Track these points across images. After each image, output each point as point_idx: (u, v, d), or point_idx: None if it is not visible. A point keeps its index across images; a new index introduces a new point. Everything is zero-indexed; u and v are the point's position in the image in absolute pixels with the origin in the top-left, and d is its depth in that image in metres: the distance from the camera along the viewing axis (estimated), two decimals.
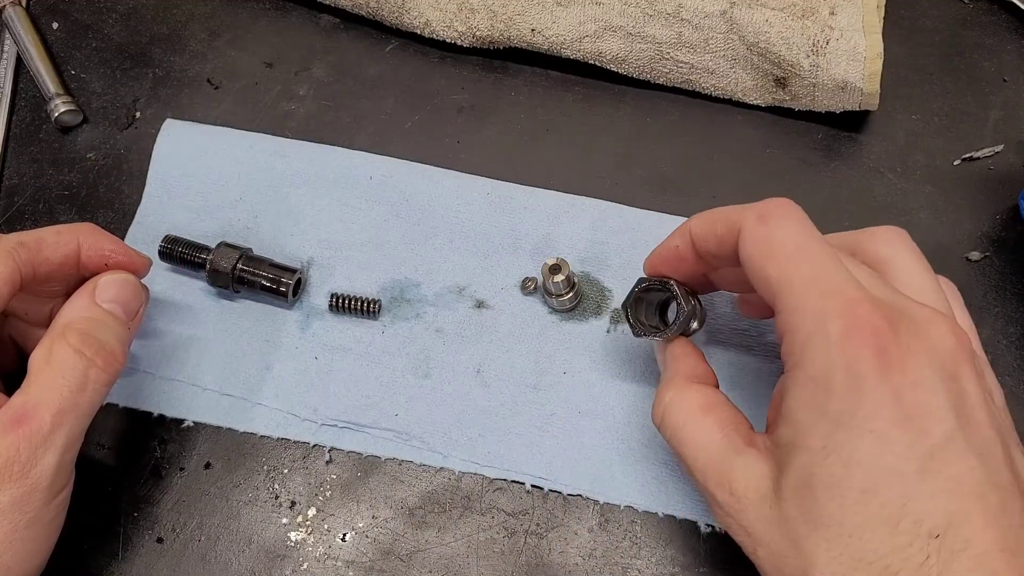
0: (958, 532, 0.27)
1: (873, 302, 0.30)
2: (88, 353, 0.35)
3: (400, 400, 0.43)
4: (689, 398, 0.35)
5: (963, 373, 0.30)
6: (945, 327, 0.30)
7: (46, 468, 0.33)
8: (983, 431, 0.29)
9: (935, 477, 0.28)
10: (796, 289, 0.31)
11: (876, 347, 0.29)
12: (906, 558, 0.28)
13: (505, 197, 0.48)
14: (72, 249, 0.38)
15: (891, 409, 0.28)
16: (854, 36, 0.47)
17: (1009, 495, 0.28)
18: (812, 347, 0.30)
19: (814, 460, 0.29)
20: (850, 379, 0.29)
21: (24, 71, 0.53)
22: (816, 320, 0.30)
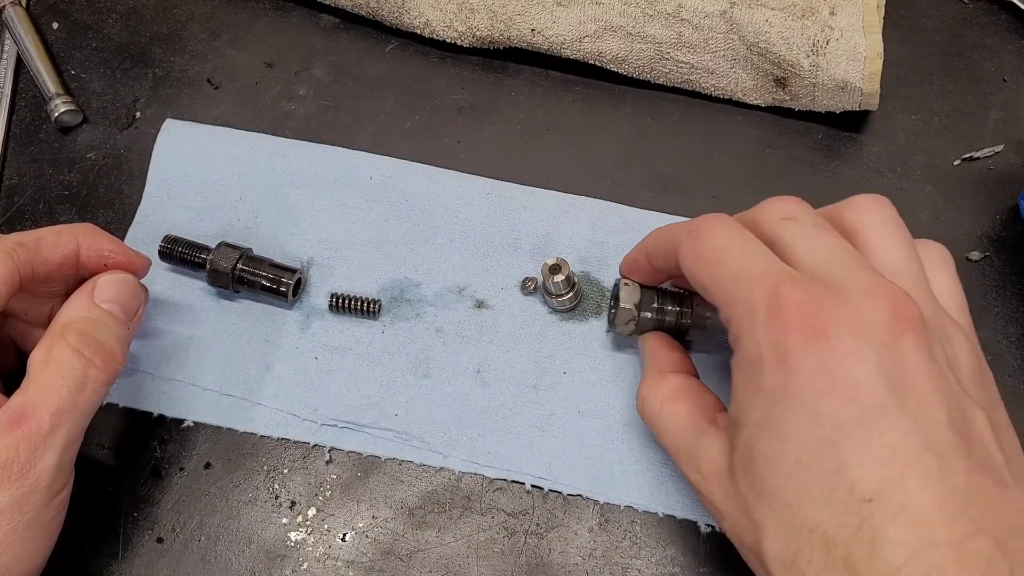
0: (892, 497, 0.28)
1: (797, 280, 0.31)
2: (87, 353, 0.35)
3: (400, 400, 0.43)
4: (661, 388, 0.37)
5: (901, 342, 0.29)
6: (879, 297, 0.30)
7: (45, 468, 0.33)
8: (922, 398, 0.29)
9: (867, 444, 0.28)
10: (726, 285, 0.33)
11: (800, 322, 0.30)
12: (842, 524, 0.28)
13: (505, 197, 0.48)
14: (71, 249, 0.38)
15: (819, 381, 0.29)
16: (854, 36, 0.47)
17: (951, 459, 0.28)
18: (743, 331, 0.31)
19: (753, 435, 0.31)
20: (777, 356, 0.30)
21: (24, 71, 0.53)
22: (745, 306, 0.31)
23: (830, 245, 0.33)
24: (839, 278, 0.31)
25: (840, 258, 0.32)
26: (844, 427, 0.29)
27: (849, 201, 0.35)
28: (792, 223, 0.34)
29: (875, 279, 0.31)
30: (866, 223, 0.34)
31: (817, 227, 0.34)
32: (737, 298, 0.32)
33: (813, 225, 0.34)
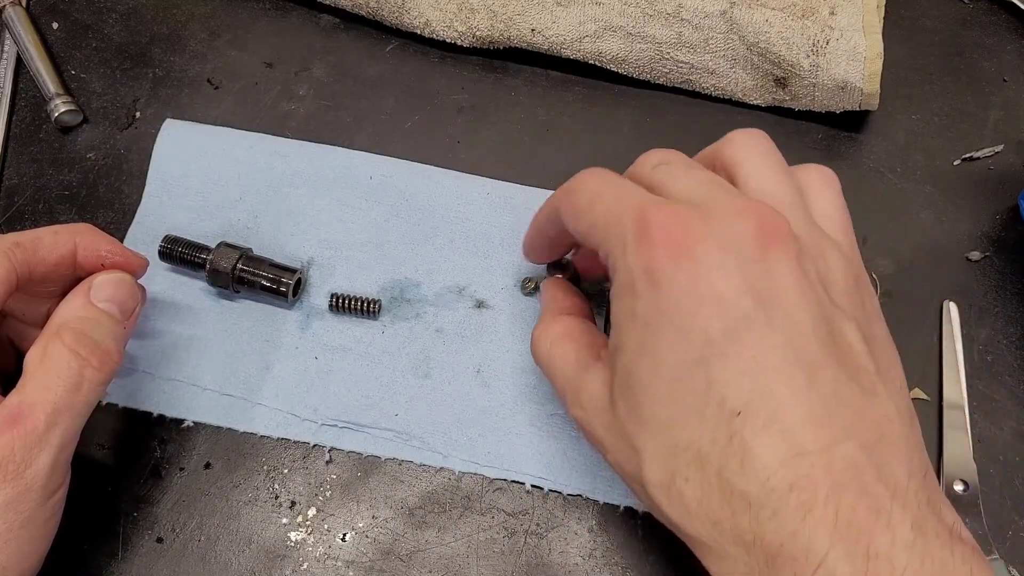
0: (760, 409, 0.28)
1: (664, 204, 0.31)
2: (83, 353, 0.35)
3: (400, 400, 0.43)
4: (553, 329, 0.38)
5: (770, 255, 0.30)
6: (746, 214, 0.31)
7: (41, 468, 0.33)
8: (790, 310, 0.29)
9: (735, 359, 0.29)
10: (600, 224, 0.33)
11: (667, 242, 0.30)
12: (714, 440, 0.28)
13: (505, 197, 0.48)
14: (69, 250, 0.38)
15: (687, 299, 0.29)
16: (854, 36, 0.47)
17: (818, 369, 0.29)
18: (617, 260, 0.32)
19: (630, 361, 0.31)
20: (648, 278, 0.30)
21: (24, 71, 0.53)
22: (618, 236, 0.32)
23: (700, 179, 0.33)
24: (707, 202, 0.32)
25: (709, 187, 0.33)
26: (712, 342, 0.29)
27: (725, 138, 0.36)
28: (664, 167, 0.35)
29: (743, 200, 0.32)
30: (740, 155, 0.35)
31: (688, 167, 0.34)
32: (610, 232, 0.32)
33: (684, 165, 0.34)
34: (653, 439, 0.30)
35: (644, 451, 0.31)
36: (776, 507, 0.27)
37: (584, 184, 0.35)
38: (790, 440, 0.27)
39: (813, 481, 0.27)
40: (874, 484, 0.27)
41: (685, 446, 0.29)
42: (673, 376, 0.30)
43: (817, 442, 0.27)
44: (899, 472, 0.28)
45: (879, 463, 0.27)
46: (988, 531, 0.40)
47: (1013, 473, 0.42)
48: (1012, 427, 0.43)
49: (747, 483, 0.28)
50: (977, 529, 0.40)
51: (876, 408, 0.29)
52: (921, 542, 0.26)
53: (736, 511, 0.28)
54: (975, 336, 0.45)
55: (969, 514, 0.41)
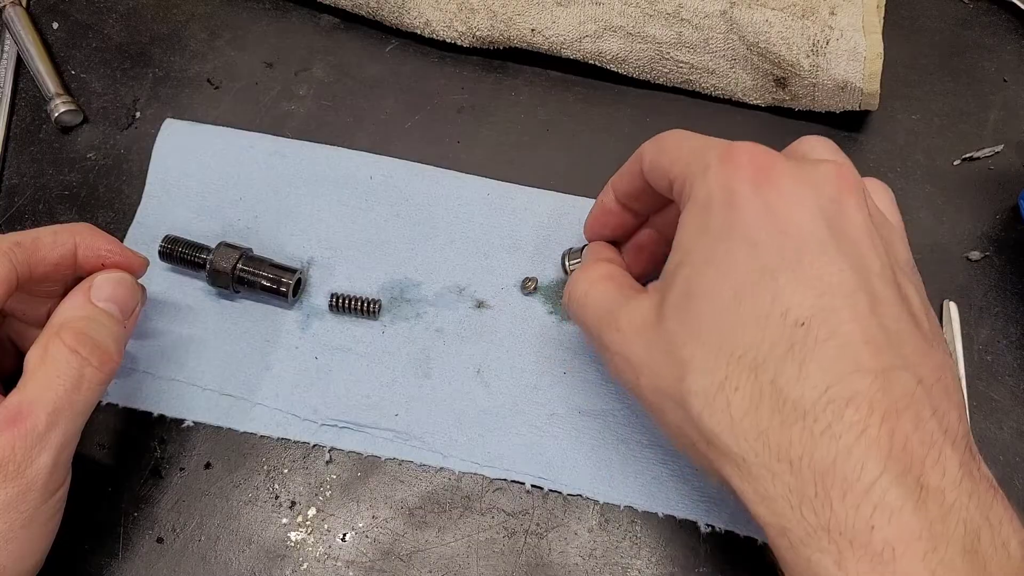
0: (824, 323, 0.28)
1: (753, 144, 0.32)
2: (83, 352, 0.35)
3: (400, 400, 0.43)
4: (593, 272, 0.38)
5: (846, 200, 0.31)
6: (827, 164, 0.32)
7: (41, 467, 0.33)
8: (860, 248, 0.30)
9: (804, 275, 0.29)
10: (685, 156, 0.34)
11: (752, 167, 0.31)
12: (772, 347, 0.28)
13: (505, 197, 0.48)
14: (69, 249, 0.38)
15: (764, 219, 0.30)
16: (854, 36, 0.47)
17: (883, 303, 0.29)
18: (696, 181, 0.32)
19: (695, 271, 0.31)
20: (727, 196, 0.31)
21: (24, 71, 0.53)
22: (700, 163, 0.32)
23: None
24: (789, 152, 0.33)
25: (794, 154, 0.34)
26: (784, 257, 0.29)
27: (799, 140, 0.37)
28: None
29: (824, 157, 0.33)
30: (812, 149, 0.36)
31: None
32: (693, 161, 0.33)
33: None
34: (705, 347, 0.30)
35: (692, 360, 0.30)
36: (830, 421, 0.27)
37: (669, 134, 0.36)
38: (849, 357, 0.27)
39: (871, 400, 0.27)
40: (928, 418, 0.27)
41: (742, 353, 0.29)
42: (739, 286, 0.30)
43: (876, 364, 0.27)
44: (952, 415, 0.28)
45: (934, 401, 0.28)
46: None
47: (1013, 473, 0.42)
48: (1012, 427, 0.43)
49: (803, 392, 0.27)
50: None
51: (932, 354, 0.29)
52: (968, 482, 0.26)
53: (787, 422, 0.27)
54: (975, 336, 0.45)
55: None
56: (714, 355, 0.30)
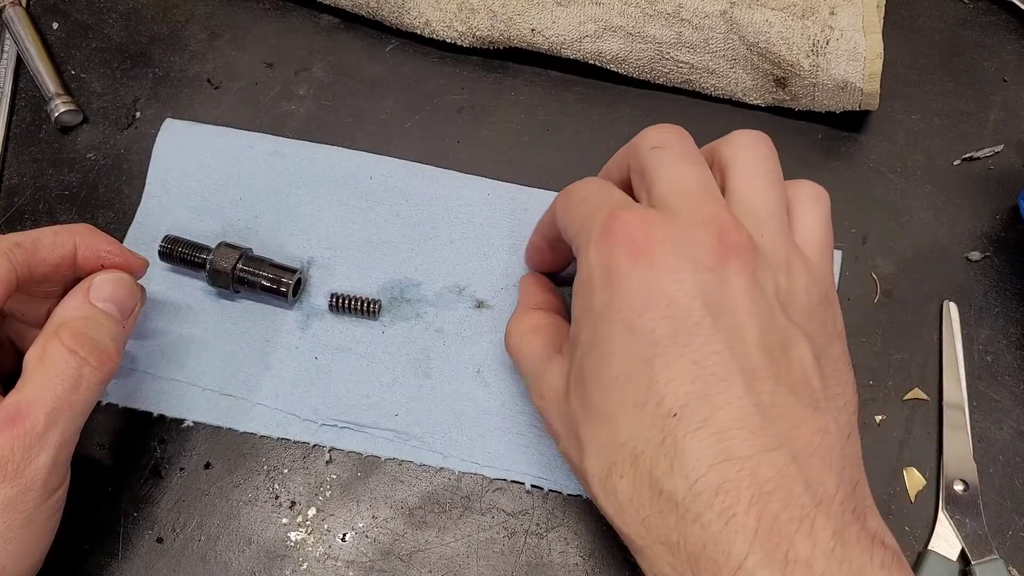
0: (696, 412, 0.28)
1: (633, 207, 0.32)
2: (82, 352, 0.35)
3: (400, 400, 0.43)
4: (523, 322, 0.39)
5: (725, 267, 0.30)
6: (708, 224, 0.31)
7: (40, 467, 0.33)
8: (737, 319, 0.30)
9: (677, 360, 0.29)
10: (579, 220, 0.34)
11: (627, 242, 0.31)
12: (649, 438, 0.29)
13: (505, 197, 0.48)
14: (68, 250, 0.38)
15: (640, 298, 0.30)
16: (854, 36, 0.47)
17: (758, 379, 0.29)
18: (580, 255, 0.33)
19: (584, 353, 0.32)
20: (604, 274, 0.31)
21: (24, 71, 0.53)
22: (586, 232, 0.33)
23: (685, 175, 0.34)
24: (680, 206, 0.32)
25: (690, 189, 0.33)
26: (658, 342, 0.29)
27: (727, 136, 0.36)
28: (659, 151, 0.35)
29: (712, 208, 0.32)
30: (735, 157, 0.35)
31: (681, 157, 0.34)
32: (582, 229, 0.34)
33: (678, 155, 0.35)
34: (596, 432, 0.31)
35: (587, 443, 0.31)
36: (700, 510, 0.28)
37: (580, 186, 0.37)
38: (720, 444, 0.28)
39: (738, 487, 0.27)
40: (800, 493, 0.27)
41: (623, 442, 0.30)
42: (619, 371, 0.30)
43: (747, 448, 0.28)
44: (828, 483, 0.28)
45: (808, 473, 0.28)
46: (988, 531, 0.40)
47: (1013, 473, 0.42)
48: (1012, 427, 0.43)
49: (675, 484, 0.28)
50: (977, 529, 0.40)
51: (814, 421, 0.29)
52: (840, 549, 0.27)
53: (663, 511, 0.28)
54: (975, 336, 0.45)
55: (969, 514, 0.41)
56: (603, 440, 0.31)
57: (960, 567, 0.40)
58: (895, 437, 0.43)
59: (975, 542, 0.40)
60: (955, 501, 0.41)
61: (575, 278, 0.34)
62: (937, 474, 0.42)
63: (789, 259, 0.33)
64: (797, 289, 0.32)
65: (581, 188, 0.36)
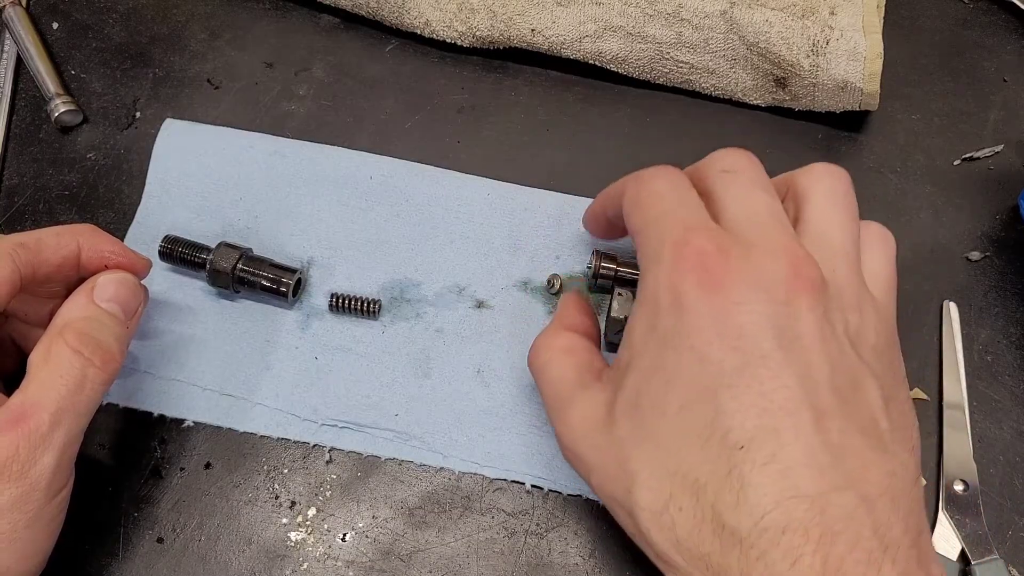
0: (763, 446, 0.28)
1: (709, 231, 0.31)
2: (86, 352, 0.35)
3: (400, 400, 0.43)
4: (555, 341, 0.37)
5: (798, 301, 0.30)
6: (781, 256, 0.31)
7: (45, 467, 0.33)
8: (808, 356, 0.29)
9: (745, 392, 0.28)
10: (647, 227, 0.33)
11: (700, 268, 0.30)
12: (713, 470, 0.28)
13: (505, 197, 0.48)
14: (72, 251, 0.38)
15: (710, 327, 0.29)
16: (854, 36, 0.47)
17: (828, 417, 0.28)
18: (648, 271, 0.32)
19: (642, 378, 0.31)
20: (674, 299, 0.30)
21: (24, 71, 0.53)
22: (656, 247, 0.32)
23: (757, 203, 0.33)
24: (753, 235, 0.31)
25: (762, 218, 0.32)
26: (726, 374, 0.29)
27: (806, 168, 0.36)
28: (730, 176, 0.34)
29: (785, 240, 0.31)
30: (813, 190, 0.35)
31: (752, 183, 0.34)
32: (652, 238, 0.32)
33: (750, 181, 0.34)
34: (651, 462, 0.30)
35: (639, 474, 0.30)
36: (765, 548, 0.27)
37: (653, 180, 0.35)
38: (788, 481, 0.27)
39: (806, 526, 0.27)
40: (868, 537, 0.27)
41: (684, 472, 0.29)
42: (684, 400, 0.29)
43: (816, 487, 0.27)
44: (896, 528, 0.27)
45: (877, 516, 0.27)
46: (988, 531, 0.40)
47: (1013, 473, 0.42)
48: (1012, 427, 0.43)
49: (739, 520, 0.27)
50: (977, 529, 0.40)
51: (882, 463, 0.29)
52: None
53: (726, 548, 0.27)
54: (975, 336, 0.45)
55: (969, 514, 0.41)
56: (660, 472, 0.30)
57: (960, 567, 0.40)
58: None
59: (975, 542, 0.40)
60: (955, 501, 0.41)
61: (639, 289, 0.33)
62: (937, 474, 0.42)
63: (860, 298, 0.32)
64: (867, 328, 0.32)
65: (655, 182, 0.34)
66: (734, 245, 0.31)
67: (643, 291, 0.32)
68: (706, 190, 0.34)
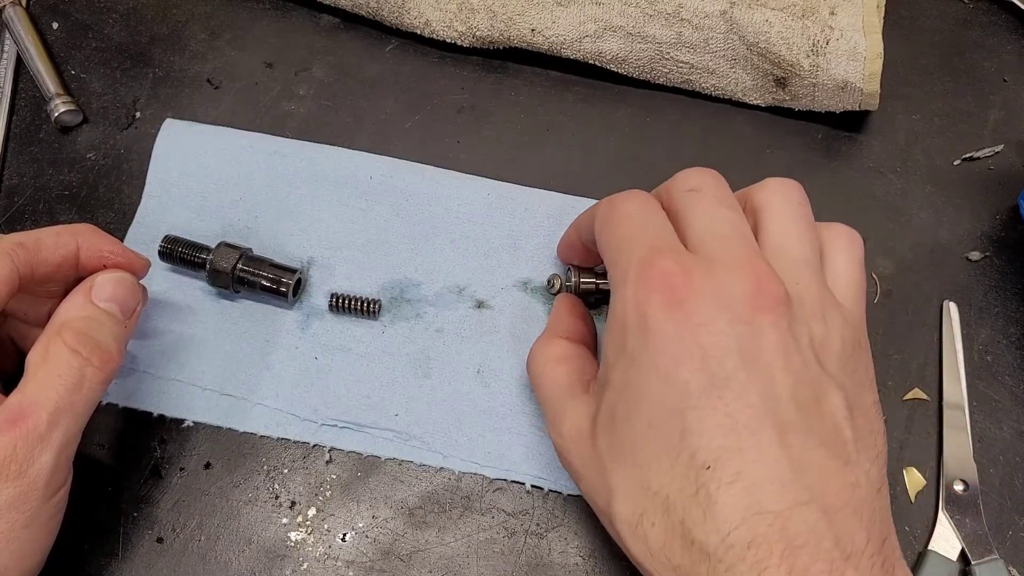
0: (728, 464, 0.29)
1: (674, 252, 0.32)
2: (84, 352, 0.35)
3: (400, 400, 0.43)
4: (549, 350, 0.38)
5: (760, 318, 0.30)
6: (745, 274, 0.31)
7: (43, 467, 0.33)
8: (771, 372, 0.30)
9: (711, 413, 0.29)
10: (615, 246, 0.34)
11: (665, 289, 0.31)
12: (681, 488, 0.29)
13: (505, 197, 0.48)
14: (71, 250, 0.38)
15: (674, 347, 0.30)
16: (854, 36, 0.47)
17: (790, 432, 0.29)
18: (616, 291, 0.33)
19: (615, 395, 0.32)
20: (639, 319, 0.31)
21: (24, 71, 0.53)
22: (623, 267, 0.33)
23: (721, 220, 0.34)
24: (716, 252, 0.32)
25: (726, 233, 0.33)
26: (691, 394, 0.30)
27: (761, 183, 0.36)
28: (695, 195, 0.35)
29: (748, 256, 0.32)
30: (769, 202, 0.35)
31: (717, 201, 0.35)
32: (619, 259, 0.33)
33: (714, 198, 0.35)
34: (626, 478, 0.31)
35: (616, 488, 0.31)
36: (732, 563, 0.28)
37: (623, 203, 0.36)
38: (752, 498, 0.28)
39: (770, 540, 0.27)
40: (830, 548, 0.28)
41: (656, 490, 0.30)
42: (652, 418, 0.30)
43: (779, 503, 0.28)
44: (858, 537, 0.28)
45: (838, 528, 0.28)
46: (988, 531, 0.40)
47: (1013, 473, 0.42)
48: (1012, 427, 0.43)
49: (707, 536, 0.28)
50: (977, 529, 0.40)
51: (845, 475, 0.29)
52: None
53: (695, 561, 0.28)
54: (975, 336, 0.45)
55: (969, 514, 0.41)
56: (634, 486, 0.31)
57: (960, 567, 0.40)
58: (895, 437, 0.43)
59: (975, 542, 0.40)
60: (955, 501, 0.41)
61: (609, 310, 0.33)
62: (937, 474, 0.42)
63: (824, 306, 0.33)
64: (832, 337, 0.32)
65: (625, 205, 0.36)
66: (698, 264, 0.32)
67: (612, 310, 0.33)
68: (673, 210, 0.35)
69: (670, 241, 0.33)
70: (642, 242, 0.33)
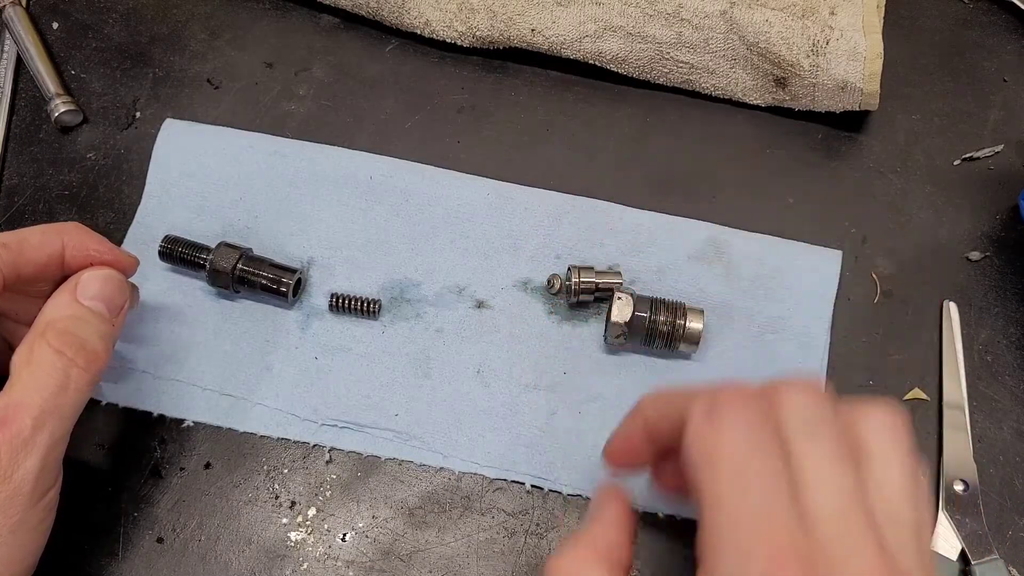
0: None
1: (795, 549, 0.28)
2: (69, 353, 0.34)
3: (400, 400, 0.43)
4: (575, 559, 0.32)
5: None
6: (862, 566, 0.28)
7: (28, 471, 0.33)
8: None
9: None
10: (726, 513, 0.29)
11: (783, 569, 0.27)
12: None
13: (505, 197, 0.48)
14: (56, 249, 0.37)
15: None
16: (854, 36, 0.47)
17: None
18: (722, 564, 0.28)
19: None
20: None
21: (24, 71, 0.53)
22: (740, 557, 0.28)
23: (840, 490, 0.30)
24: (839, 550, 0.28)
25: (846, 511, 0.29)
26: None
27: (865, 412, 0.32)
28: (812, 440, 0.30)
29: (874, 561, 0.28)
30: (879, 446, 0.31)
31: (837, 456, 0.30)
32: (733, 539, 0.29)
33: (833, 447, 0.30)
34: None
35: None
36: None
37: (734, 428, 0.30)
38: None
39: None
40: None
41: None
42: None
43: None
44: None
45: None
46: (988, 531, 0.40)
47: (1013, 473, 0.42)
48: (1012, 427, 0.43)
49: None
50: (977, 529, 0.40)
51: None
52: None
53: None
54: (975, 336, 0.45)
55: (969, 514, 0.41)
56: None
57: (960, 567, 0.40)
58: None
59: (975, 542, 0.40)
60: (955, 501, 0.41)
61: None
62: (937, 474, 0.42)
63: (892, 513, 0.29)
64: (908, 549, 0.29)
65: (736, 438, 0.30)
66: (819, 558, 0.28)
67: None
68: (786, 439, 0.30)
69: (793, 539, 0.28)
70: (761, 530, 0.28)
